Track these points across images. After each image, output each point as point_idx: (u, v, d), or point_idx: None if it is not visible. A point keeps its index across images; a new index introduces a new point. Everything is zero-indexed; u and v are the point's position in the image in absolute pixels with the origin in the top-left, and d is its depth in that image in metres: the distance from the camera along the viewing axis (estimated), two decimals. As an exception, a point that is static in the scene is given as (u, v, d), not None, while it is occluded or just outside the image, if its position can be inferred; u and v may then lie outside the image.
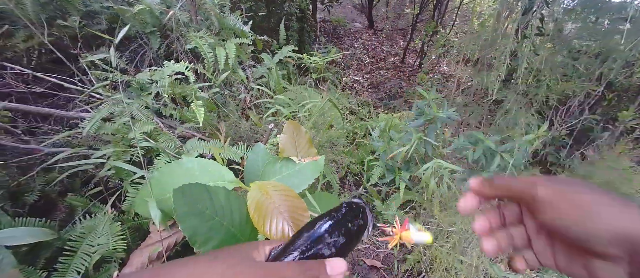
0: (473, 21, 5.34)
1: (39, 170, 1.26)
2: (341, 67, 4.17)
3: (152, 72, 1.28)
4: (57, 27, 1.50)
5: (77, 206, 1.18)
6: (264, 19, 2.92)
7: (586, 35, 2.23)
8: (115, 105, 1.10)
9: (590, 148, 2.03)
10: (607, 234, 0.26)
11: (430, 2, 4.82)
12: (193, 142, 1.21)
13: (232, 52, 1.59)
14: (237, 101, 1.72)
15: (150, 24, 1.64)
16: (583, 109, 2.11)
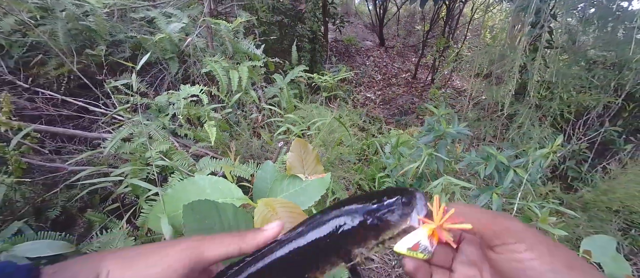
0: (485, 35, 5.33)
1: (63, 187, 1.33)
2: (353, 85, 4.23)
3: (169, 95, 1.36)
4: (85, 56, 1.63)
5: (95, 221, 1.24)
6: (277, 41, 3.04)
7: (602, 46, 2.18)
8: (134, 126, 1.17)
9: (612, 161, 1.94)
10: None
11: (441, 18, 4.88)
12: (205, 161, 1.25)
13: (245, 74, 1.67)
14: (249, 120, 1.78)
15: (170, 51, 1.75)
16: (603, 120, 2.04)
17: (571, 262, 0.27)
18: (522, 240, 0.28)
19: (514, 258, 0.28)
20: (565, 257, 0.27)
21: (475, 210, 0.32)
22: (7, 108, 1.12)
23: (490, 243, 0.30)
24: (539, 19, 1.78)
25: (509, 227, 0.30)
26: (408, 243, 0.32)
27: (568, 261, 0.27)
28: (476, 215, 0.31)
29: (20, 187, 1.11)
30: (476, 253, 0.35)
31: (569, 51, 2.19)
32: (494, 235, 0.30)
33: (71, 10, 1.57)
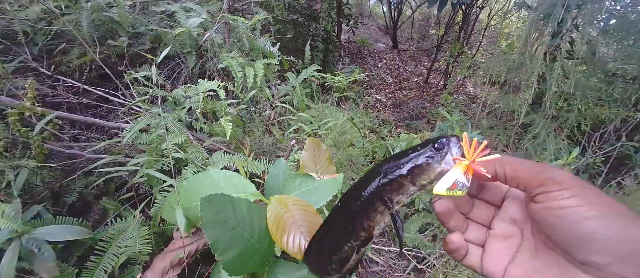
0: (500, 42, 5.25)
1: (80, 174, 1.37)
2: (364, 87, 4.22)
3: (186, 89, 1.38)
4: (107, 46, 1.67)
5: (109, 209, 1.27)
6: (291, 40, 3.06)
7: (622, 58, 2.13)
8: (152, 117, 1.20)
9: (627, 177, 1.89)
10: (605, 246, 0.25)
11: (456, 23, 4.82)
12: (219, 155, 1.27)
13: (260, 71, 1.68)
14: (262, 117, 1.80)
15: (188, 45, 1.78)
16: (620, 135, 1.99)
17: (621, 209, 0.26)
18: (567, 188, 0.27)
19: (556, 205, 0.27)
20: (614, 204, 0.26)
21: (521, 160, 0.32)
22: (31, 94, 1.15)
23: (533, 193, 0.30)
24: (560, 29, 1.74)
25: (554, 177, 0.28)
26: (446, 184, 0.33)
27: (618, 208, 0.26)
28: (522, 164, 0.31)
29: (41, 171, 1.14)
30: (519, 212, 0.35)
31: (589, 62, 2.14)
32: (538, 184, 0.29)
33: (96, 1, 1.61)
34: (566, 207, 0.27)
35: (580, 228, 0.26)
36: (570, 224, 0.27)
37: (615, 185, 1.93)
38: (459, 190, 0.33)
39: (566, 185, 0.27)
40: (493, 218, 0.38)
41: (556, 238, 0.29)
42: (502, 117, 2.33)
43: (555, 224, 0.28)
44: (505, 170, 0.32)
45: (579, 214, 0.26)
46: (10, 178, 0.94)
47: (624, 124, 2.04)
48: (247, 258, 0.70)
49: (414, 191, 0.35)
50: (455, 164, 0.33)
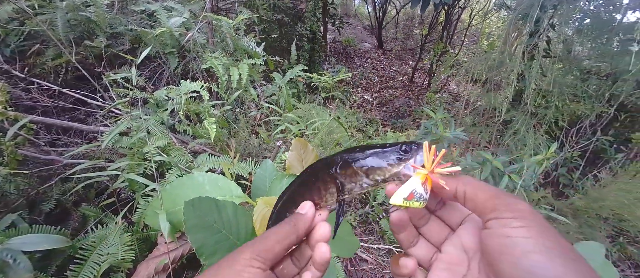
0: (482, 42, 5.39)
1: (57, 180, 1.32)
2: (350, 86, 4.24)
3: (168, 90, 1.35)
4: (84, 47, 1.61)
5: (90, 216, 1.23)
6: (276, 40, 3.04)
7: (596, 56, 2.23)
8: (133, 120, 1.16)
9: (603, 169, 1.98)
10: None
11: (439, 23, 4.92)
12: (203, 157, 1.25)
13: (245, 71, 1.66)
14: (247, 118, 1.78)
15: (170, 45, 1.74)
16: (595, 129, 2.08)
17: (566, 250, 0.25)
18: (519, 218, 0.26)
19: (503, 233, 0.27)
20: (563, 245, 0.25)
21: (485, 185, 0.31)
22: (3, 98, 1.10)
23: (486, 218, 0.29)
24: (537, 28, 1.81)
25: (509, 204, 0.28)
26: (403, 193, 0.32)
27: (564, 249, 0.25)
28: (484, 187, 0.30)
29: (15, 179, 1.09)
30: (472, 241, 0.34)
31: (565, 61, 2.23)
32: (492, 209, 0.28)
33: (71, 1, 1.55)
34: (513, 236, 0.26)
35: (522, 262, 0.25)
36: (513, 256, 0.26)
37: (592, 178, 2.02)
38: (416, 201, 0.32)
39: (519, 214, 0.27)
40: (445, 240, 0.36)
41: (498, 269, 0.27)
42: (485, 114, 2.40)
43: (499, 253, 0.27)
44: (466, 190, 0.31)
45: (524, 246, 0.25)
46: (-21, 187, 0.89)
47: (599, 119, 2.13)
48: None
49: (366, 184, 0.36)
50: (414, 173, 0.33)
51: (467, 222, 0.35)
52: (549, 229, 0.26)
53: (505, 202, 0.28)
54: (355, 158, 0.36)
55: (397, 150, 0.34)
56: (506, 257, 0.26)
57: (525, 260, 0.25)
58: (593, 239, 1.57)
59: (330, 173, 0.37)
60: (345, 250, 0.91)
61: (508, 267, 0.26)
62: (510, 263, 0.26)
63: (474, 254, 0.33)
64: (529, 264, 0.24)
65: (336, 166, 0.37)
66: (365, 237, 1.82)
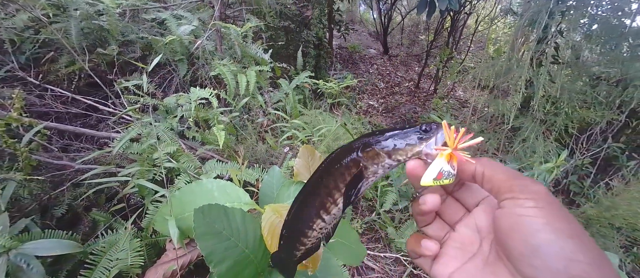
0: (488, 47, 5.36)
1: (69, 185, 1.34)
2: (356, 92, 4.25)
3: (178, 97, 1.37)
4: (97, 55, 1.65)
5: (100, 221, 1.24)
6: (283, 47, 3.07)
7: (606, 62, 2.20)
8: (143, 127, 1.18)
9: (615, 177, 1.94)
10: None
11: (445, 29, 4.92)
12: (212, 163, 1.26)
13: (253, 78, 1.68)
14: (255, 125, 1.80)
15: (180, 53, 1.77)
16: (606, 136, 2.05)
17: (577, 232, 0.26)
18: (533, 199, 0.27)
19: (516, 212, 0.27)
20: (574, 227, 0.26)
21: (504, 167, 0.32)
22: (19, 104, 1.13)
23: (501, 197, 0.30)
24: (545, 35, 1.80)
25: (526, 185, 0.28)
26: (432, 174, 0.33)
27: (574, 231, 0.26)
28: (503, 169, 0.31)
29: (28, 184, 1.11)
30: (486, 222, 0.35)
31: (574, 67, 2.21)
32: (508, 189, 0.29)
33: (85, 9, 1.60)
34: (525, 215, 0.27)
35: (531, 239, 0.26)
36: (523, 234, 0.27)
37: (603, 186, 1.98)
38: (445, 179, 0.33)
39: (534, 196, 0.27)
40: (459, 221, 0.37)
41: (508, 246, 0.28)
42: (492, 121, 2.38)
43: (510, 230, 0.28)
44: (484, 171, 0.32)
45: (534, 225, 0.26)
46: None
47: (610, 126, 2.10)
48: (241, 269, 0.69)
49: (388, 165, 0.36)
50: (438, 154, 0.33)
51: (483, 203, 0.36)
52: (563, 211, 0.27)
53: (522, 183, 0.29)
54: (377, 140, 0.36)
55: (417, 131, 0.35)
56: (516, 235, 0.27)
57: (534, 238, 0.26)
58: (606, 249, 1.53)
59: (353, 158, 0.37)
60: (352, 259, 0.90)
61: (518, 244, 0.27)
62: (519, 241, 0.27)
63: (486, 234, 0.34)
64: (537, 242, 0.25)
65: (358, 150, 0.37)
66: (371, 245, 1.81)
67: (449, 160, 0.33)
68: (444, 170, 0.33)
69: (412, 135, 0.35)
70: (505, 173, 0.30)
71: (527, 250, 0.26)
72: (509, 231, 0.28)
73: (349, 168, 0.38)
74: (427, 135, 0.35)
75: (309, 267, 0.74)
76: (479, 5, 4.76)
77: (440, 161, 0.33)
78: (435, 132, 0.34)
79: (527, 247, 0.26)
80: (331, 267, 0.85)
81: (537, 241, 0.25)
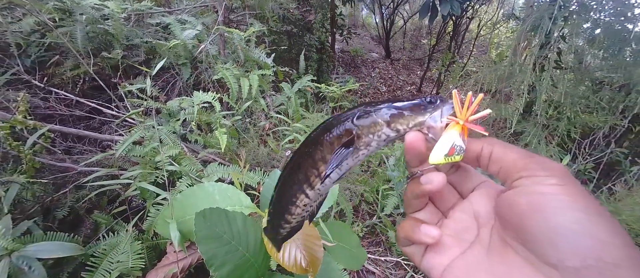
0: (491, 52, 5.36)
1: (72, 187, 1.35)
2: (358, 96, 4.26)
3: (181, 101, 1.38)
4: (101, 58, 1.67)
5: (101, 223, 1.25)
6: (286, 51, 3.09)
7: (609, 68, 2.19)
8: (146, 130, 1.19)
9: (618, 182, 1.93)
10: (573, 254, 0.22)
11: (447, 33, 4.92)
12: (213, 167, 1.27)
13: (255, 82, 1.69)
14: (257, 128, 1.80)
15: (183, 57, 1.79)
16: (609, 141, 2.04)
17: (604, 211, 0.23)
18: (553, 176, 0.24)
19: (537, 190, 0.24)
20: (598, 204, 0.23)
21: (509, 145, 0.29)
22: (23, 107, 1.14)
23: (514, 177, 0.27)
24: (548, 40, 1.80)
25: (543, 162, 0.26)
26: (444, 149, 0.29)
27: (601, 209, 0.23)
28: (510, 147, 0.28)
29: (32, 186, 1.12)
30: (485, 207, 0.31)
31: (576, 71, 2.20)
32: (522, 168, 0.26)
33: (90, 14, 1.62)
34: (548, 192, 0.24)
35: (558, 218, 0.23)
36: (547, 213, 0.23)
37: (606, 191, 1.96)
38: (457, 154, 0.30)
39: (554, 173, 0.25)
40: (453, 207, 0.34)
41: (527, 229, 0.25)
42: (495, 125, 2.37)
43: (530, 210, 0.24)
44: (493, 149, 0.29)
45: (559, 203, 0.23)
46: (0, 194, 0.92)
47: (613, 131, 2.09)
48: (242, 273, 0.69)
49: (386, 135, 0.33)
50: (449, 126, 0.30)
51: (481, 188, 0.33)
52: (586, 191, 0.24)
53: (537, 160, 0.26)
54: (376, 107, 0.33)
55: (421, 101, 0.32)
56: (538, 215, 0.24)
57: (562, 217, 0.23)
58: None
59: (346, 126, 0.34)
60: (352, 263, 0.90)
61: (540, 225, 0.24)
62: (542, 221, 0.23)
63: (486, 221, 0.31)
64: (566, 220, 0.22)
65: (353, 117, 0.34)
66: (372, 248, 1.80)
67: (460, 133, 0.30)
68: (456, 144, 0.29)
69: (415, 105, 0.32)
70: (518, 152, 0.28)
71: (551, 231, 0.23)
72: (529, 211, 0.24)
73: (340, 138, 0.34)
74: (432, 107, 0.32)
75: (309, 271, 0.74)
76: (481, 9, 4.77)
77: (452, 134, 0.30)
78: (441, 105, 0.31)
79: (551, 228, 0.23)
80: (332, 270, 0.85)
81: (564, 220, 0.22)
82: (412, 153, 0.32)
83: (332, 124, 0.35)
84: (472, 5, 4.06)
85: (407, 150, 0.32)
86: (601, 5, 2.20)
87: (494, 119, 2.46)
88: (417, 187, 0.32)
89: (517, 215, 0.26)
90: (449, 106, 0.31)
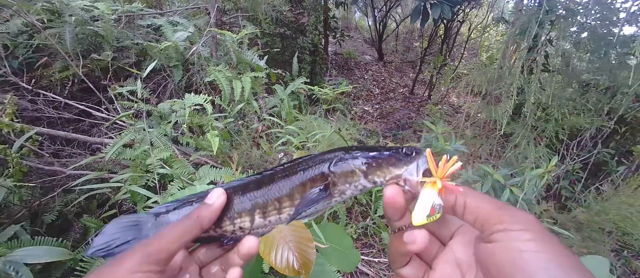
0: (481, 54, 5.45)
1: (60, 191, 1.32)
2: (351, 98, 4.28)
3: (172, 103, 1.37)
4: (91, 60, 1.65)
5: (91, 227, 1.23)
6: (279, 53, 3.09)
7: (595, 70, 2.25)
8: (137, 132, 1.18)
9: (605, 182, 1.98)
10: None
11: (439, 36, 4.99)
12: (205, 169, 1.26)
13: (248, 84, 1.69)
14: (249, 130, 1.80)
15: (175, 59, 1.78)
16: (596, 142, 2.09)
17: (578, 265, 0.24)
18: (527, 230, 0.26)
19: (515, 246, 0.25)
20: (572, 259, 0.25)
21: (483, 195, 0.29)
22: (10, 109, 1.12)
23: (490, 230, 0.27)
24: (536, 43, 1.84)
25: (515, 215, 0.27)
26: (425, 210, 0.30)
27: (574, 264, 0.24)
28: (485, 198, 0.29)
29: (19, 190, 1.10)
30: (465, 254, 0.31)
31: (563, 74, 2.26)
32: (497, 221, 0.27)
33: (80, 15, 1.60)
34: (525, 250, 0.25)
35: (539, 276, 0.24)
36: (527, 272, 0.24)
37: (594, 191, 2.01)
38: (437, 213, 0.30)
39: (527, 227, 0.26)
40: (436, 257, 0.34)
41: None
42: (485, 127, 2.41)
43: (511, 267, 0.25)
44: (466, 201, 0.30)
45: (538, 262, 0.24)
46: (-15, 199, 0.90)
47: (600, 132, 2.14)
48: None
49: (362, 186, 0.33)
50: (424, 186, 0.31)
51: (459, 234, 0.33)
52: (557, 243, 0.26)
53: (510, 213, 0.27)
54: (354, 156, 0.33)
55: (399, 152, 0.32)
56: (519, 273, 0.25)
57: (541, 276, 0.24)
58: (597, 253, 1.55)
59: (322, 171, 0.33)
60: (346, 264, 0.90)
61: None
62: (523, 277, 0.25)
63: (468, 268, 0.31)
64: None
65: (330, 163, 0.33)
66: (366, 250, 1.81)
67: (439, 192, 0.30)
68: (435, 203, 0.30)
69: (392, 157, 0.32)
70: (490, 203, 0.29)
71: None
72: (509, 268, 0.25)
73: (313, 181, 0.33)
74: (408, 159, 0.32)
75: (301, 274, 0.74)
76: (472, 13, 4.85)
77: (430, 194, 0.30)
78: (416, 157, 0.31)
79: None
80: (325, 272, 0.85)
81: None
82: (392, 208, 0.32)
83: (309, 164, 0.34)
84: (463, 8, 4.12)
85: (387, 205, 0.32)
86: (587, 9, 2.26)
87: (484, 121, 2.51)
88: (401, 246, 0.32)
89: (499, 271, 0.27)
90: (425, 159, 0.31)
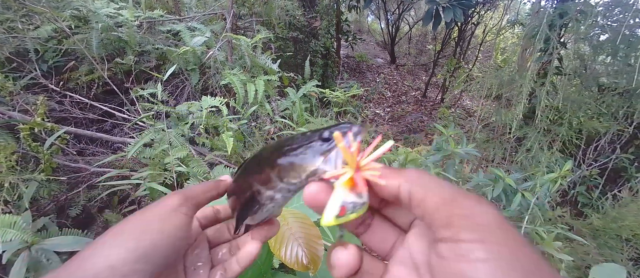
0: (496, 57, 5.36)
1: (84, 187, 1.41)
2: (363, 101, 4.29)
3: (189, 105, 1.44)
4: (115, 64, 1.74)
5: (112, 221, 1.30)
6: (291, 56, 3.15)
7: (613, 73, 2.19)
8: (156, 132, 1.25)
9: (623, 189, 1.92)
10: None
11: (452, 39, 4.95)
12: (220, 169, 1.31)
13: (261, 87, 1.75)
14: (262, 132, 1.85)
15: (192, 63, 1.86)
16: (614, 147, 2.03)
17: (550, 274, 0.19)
18: (481, 241, 0.19)
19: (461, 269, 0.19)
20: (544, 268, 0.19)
21: (432, 182, 0.22)
22: (42, 110, 1.21)
23: (438, 235, 0.21)
24: (547, 47, 1.82)
25: (467, 216, 0.20)
26: (333, 210, 0.23)
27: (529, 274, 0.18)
28: (437, 187, 0.22)
29: (49, 184, 1.18)
30: (424, 252, 0.24)
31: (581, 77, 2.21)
32: (445, 222, 0.20)
33: (106, 22, 1.70)
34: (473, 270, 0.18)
35: None
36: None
37: (611, 197, 1.95)
38: (351, 213, 0.23)
39: (482, 235, 0.19)
40: (392, 252, 0.27)
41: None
42: (497, 130, 2.38)
43: None
44: (411, 190, 0.22)
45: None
46: (22, 191, 0.98)
47: (618, 137, 2.08)
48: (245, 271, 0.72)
49: (286, 189, 0.27)
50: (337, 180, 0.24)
51: (417, 225, 0.26)
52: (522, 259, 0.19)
53: (461, 211, 0.20)
54: (270, 156, 0.28)
55: (312, 138, 0.26)
56: None
57: None
58: (613, 261, 1.51)
59: (246, 179, 0.30)
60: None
61: None
62: None
63: (425, 271, 0.24)
64: None
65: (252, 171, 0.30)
66: (375, 251, 1.82)
67: (351, 188, 0.23)
68: (346, 202, 0.23)
69: (309, 148, 0.26)
70: (439, 193, 0.22)
71: None
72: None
73: (243, 191, 0.30)
74: (328, 146, 0.25)
75: (310, 269, 0.77)
76: (486, 15, 4.78)
77: (339, 192, 0.23)
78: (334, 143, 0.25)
79: None
80: (332, 269, 0.87)
81: None
82: (317, 211, 0.25)
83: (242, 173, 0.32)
84: (478, 11, 4.08)
85: (312, 208, 0.25)
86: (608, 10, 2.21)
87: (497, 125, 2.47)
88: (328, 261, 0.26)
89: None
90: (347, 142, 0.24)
